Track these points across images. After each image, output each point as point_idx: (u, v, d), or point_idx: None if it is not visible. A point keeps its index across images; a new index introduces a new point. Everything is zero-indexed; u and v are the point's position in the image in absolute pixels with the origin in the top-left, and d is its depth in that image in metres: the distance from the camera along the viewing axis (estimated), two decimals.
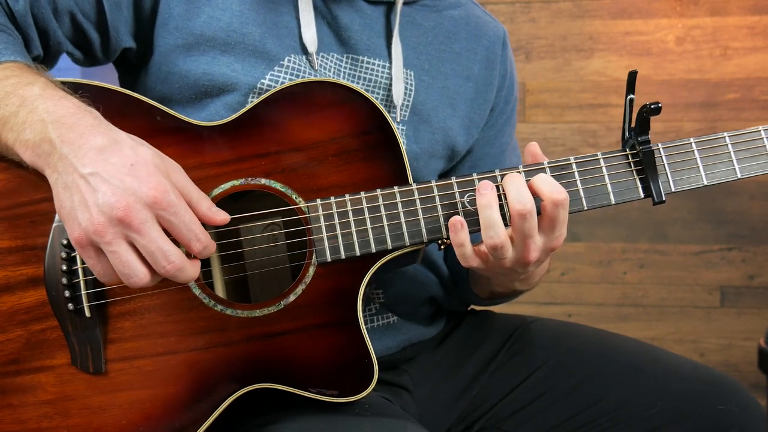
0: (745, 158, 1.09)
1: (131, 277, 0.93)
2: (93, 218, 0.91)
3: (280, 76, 1.18)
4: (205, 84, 1.16)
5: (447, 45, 1.33)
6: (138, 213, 0.90)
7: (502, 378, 1.35)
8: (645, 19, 2.91)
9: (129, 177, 0.91)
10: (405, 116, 1.27)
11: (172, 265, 0.93)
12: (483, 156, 1.41)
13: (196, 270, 0.98)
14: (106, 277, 0.96)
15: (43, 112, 0.96)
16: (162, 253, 0.93)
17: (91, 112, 0.98)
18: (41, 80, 1.01)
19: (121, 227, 0.91)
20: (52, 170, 0.95)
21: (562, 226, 1.04)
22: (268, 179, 1.07)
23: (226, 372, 1.04)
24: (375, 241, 1.05)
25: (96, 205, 0.91)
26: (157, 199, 0.91)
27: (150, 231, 0.91)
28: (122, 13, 1.17)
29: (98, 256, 0.94)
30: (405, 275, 1.31)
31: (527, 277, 1.18)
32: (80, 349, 1.03)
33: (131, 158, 0.93)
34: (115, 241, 0.91)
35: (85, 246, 0.93)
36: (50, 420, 1.02)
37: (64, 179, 0.93)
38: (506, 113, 1.44)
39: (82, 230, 0.92)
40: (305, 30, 1.21)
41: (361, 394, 1.04)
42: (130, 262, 0.93)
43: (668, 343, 2.91)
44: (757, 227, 2.88)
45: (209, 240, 0.98)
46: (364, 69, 1.26)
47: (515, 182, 1.03)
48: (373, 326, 1.29)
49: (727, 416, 1.21)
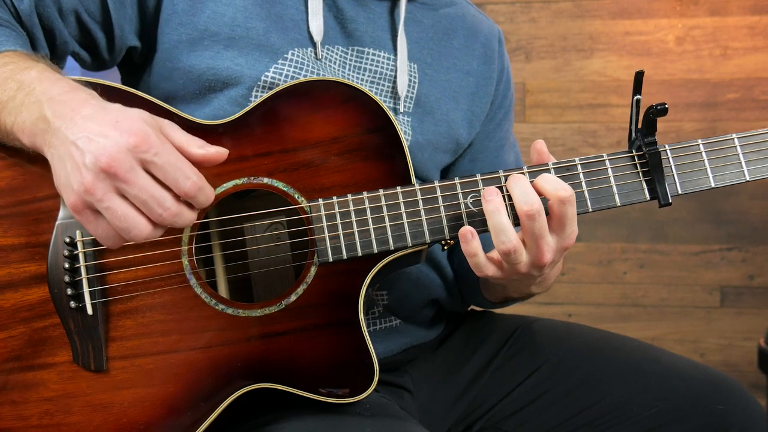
0: (754, 160, 1.08)
1: (131, 230, 0.91)
2: (83, 178, 0.89)
3: (284, 70, 1.18)
4: (210, 78, 1.17)
5: (447, 41, 1.35)
6: (122, 162, 0.88)
7: (502, 378, 1.35)
8: (645, 19, 2.91)
9: (112, 131, 0.90)
10: (409, 108, 1.28)
11: (167, 211, 0.91)
12: (483, 149, 1.42)
13: (193, 214, 0.95)
14: (109, 239, 0.94)
15: (39, 93, 0.96)
16: (155, 200, 0.90)
17: (85, 90, 0.98)
18: (39, 65, 1.02)
19: (109, 180, 0.89)
20: (48, 147, 0.94)
21: (572, 223, 1.03)
22: (270, 178, 1.07)
23: (226, 371, 1.04)
24: (377, 241, 1.05)
25: (84, 165, 0.89)
26: (137, 143, 0.89)
27: (138, 178, 0.89)
28: (126, 11, 1.17)
29: (97, 219, 0.92)
30: (409, 277, 1.31)
31: (543, 279, 1.16)
32: (82, 346, 1.03)
33: (117, 116, 0.92)
34: (107, 197, 0.89)
35: (81, 210, 0.91)
36: (51, 417, 1.02)
37: (59, 152, 0.92)
38: (504, 107, 1.45)
39: (75, 194, 0.90)
40: (312, 19, 1.21)
41: (362, 395, 1.04)
42: (126, 214, 0.90)
43: (668, 343, 2.92)
44: (757, 227, 2.89)
45: (203, 180, 0.94)
46: (369, 60, 1.26)
47: (519, 183, 1.02)
48: (375, 329, 1.29)
49: (727, 416, 1.22)
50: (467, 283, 1.38)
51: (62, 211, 1.04)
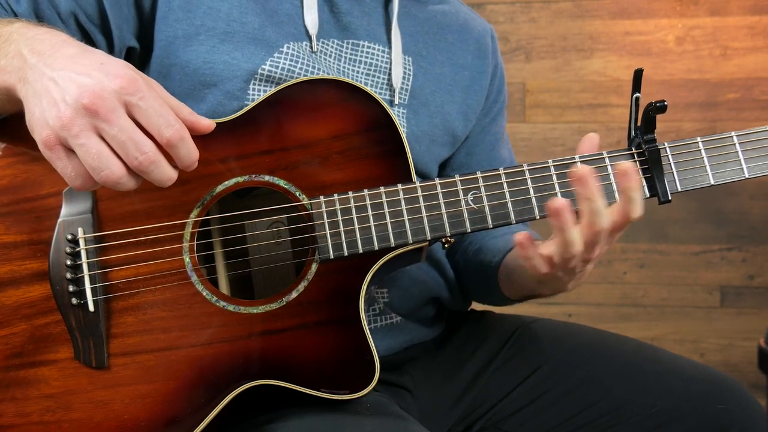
0: (754, 157, 1.07)
1: (102, 170, 0.88)
2: (60, 113, 0.87)
3: (280, 62, 1.19)
4: (206, 72, 1.17)
5: (441, 36, 1.36)
6: (105, 100, 0.86)
7: (502, 378, 1.35)
8: (645, 19, 2.91)
9: (96, 71, 0.88)
10: (404, 100, 1.29)
11: (144, 156, 0.88)
12: (479, 143, 1.43)
13: (173, 171, 0.93)
14: (77, 179, 0.90)
15: (18, 37, 0.95)
16: (133, 143, 0.88)
17: (66, 34, 0.97)
18: (24, 19, 1.02)
19: (88, 117, 0.87)
20: (22, 83, 0.92)
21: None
22: (271, 176, 1.07)
23: (227, 368, 1.04)
24: (378, 238, 1.06)
25: (63, 101, 0.87)
26: (123, 85, 0.87)
27: (119, 119, 0.87)
28: (123, 12, 1.17)
29: (68, 157, 0.89)
30: (409, 275, 1.31)
31: (580, 276, 1.14)
32: (83, 343, 1.03)
33: (102, 59, 0.90)
34: (83, 133, 0.87)
35: (53, 146, 0.89)
36: (53, 413, 1.02)
37: (34, 87, 0.90)
38: (499, 103, 1.47)
39: (50, 128, 0.88)
40: (307, 13, 1.22)
41: (363, 392, 1.04)
42: (101, 152, 0.87)
43: (668, 343, 2.92)
44: (757, 227, 2.89)
45: (185, 131, 0.92)
46: (364, 53, 1.27)
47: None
48: (376, 326, 1.30)
49: (727, 416, 1.22)
50: (481, 282, 1.38)
51: (64, 208, 1.04)
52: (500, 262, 1.30)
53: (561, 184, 1.06)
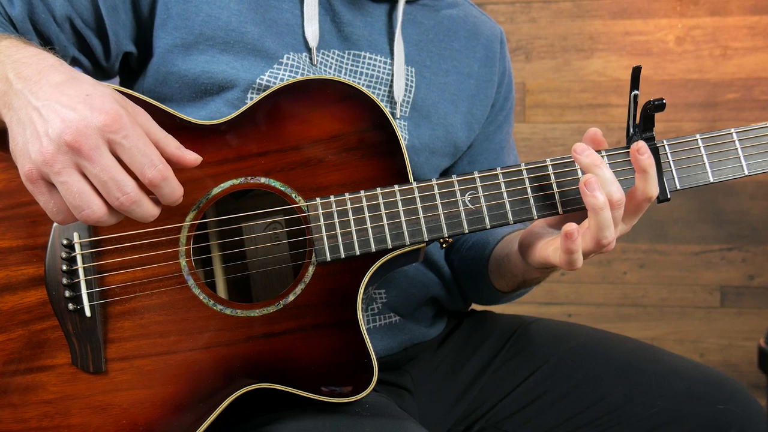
0: (753, 154, 1.07)
1: (83, 210, 0.87)
2: (42, 148, 0.85)
3: (280, 73, 1.18)
4: (205, 82, 1.16)
5: (447, 43, 1.34)
6: (88, 138, 0.85)
7: (502, 378, 1.35)
8: (645, 19, 2.91)
9: (81, 105, 0.86)
10: (406, 112, 1.28)
11: (126, 196, 0.87)
12: (482, 151, 1.42)
13: (155, 208, 0.91)
14: (59, 215, 0.90)
15: (4, 57, 0.94)
16: (115, 183, 0.86)
17: (54, 57, 0.95)
18: (12, 36, 1.00)
19: (71, 155, 0.85)
20: (7, 109, 0.91)
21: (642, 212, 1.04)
22: (267, 178, 1.07)
23: (225, 372, 1.04)
24: (375, 240, 1.05)
25: (46, 135, 0.86)
26: (107, 122, 0.85)
27: (102, 158, 0.86)
28: (120, 17, 1.17)
29: (50, 192, 0.88)
30: (407, 275, 1.31)
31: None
32: (80, 348, 1.03)
33: (88, 90, 0.88)
34: (65, 171, 0.86)
35: (35, 181, 0.88)
36: (51, 419, 1.02)
37: (18, 115, 0.89)
38: (505, 110, 1.45)
39: (32, 162, 0.86)
40: (308, 24, 1.21)
41: (361, 394, 1.04)
42: (82, 191, 0.87)
43: (668, 343, 2.91)
44: (757, 227, 2.88)
45: (170, 172, 0.90)
46: (365, 65, 1.26)
47: (607, 170, 1.00)
48: (375, 326, 1.29)
49: (727, 416, 1.21)
50: (473, 278, 1.37)
51: None
52: (490, 254, 1.30)
53: (559, 183, 1.06)
